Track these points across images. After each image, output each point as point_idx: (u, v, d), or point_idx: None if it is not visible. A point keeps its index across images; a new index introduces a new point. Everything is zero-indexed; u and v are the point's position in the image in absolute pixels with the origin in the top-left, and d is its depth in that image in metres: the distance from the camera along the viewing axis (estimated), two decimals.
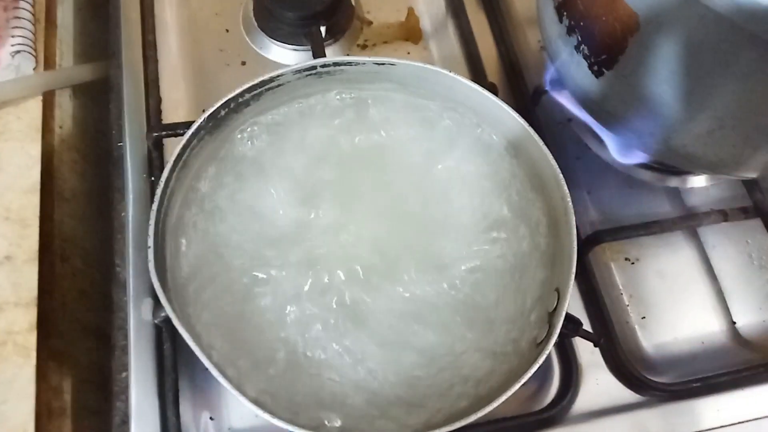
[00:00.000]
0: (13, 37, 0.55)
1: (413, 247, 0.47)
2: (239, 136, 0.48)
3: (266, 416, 0.37)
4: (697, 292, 0.55)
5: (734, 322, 0.54)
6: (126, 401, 0.46)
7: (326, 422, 0.40)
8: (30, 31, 0.57)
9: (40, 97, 0.55)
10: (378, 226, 0.47)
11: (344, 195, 0.48)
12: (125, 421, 0.46)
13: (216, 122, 0.46)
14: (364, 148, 0.50)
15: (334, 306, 0.44)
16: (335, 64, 0.47)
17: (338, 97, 0.50)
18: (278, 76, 0.46)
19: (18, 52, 0.55)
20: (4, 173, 0.51)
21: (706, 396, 0.50)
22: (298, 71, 0.46)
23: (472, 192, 0.49)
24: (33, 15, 0.58)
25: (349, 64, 0.47)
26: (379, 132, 0.50)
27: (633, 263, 0.56)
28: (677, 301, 0.55)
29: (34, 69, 0.56)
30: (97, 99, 0.62)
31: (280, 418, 0.37)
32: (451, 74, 0.46)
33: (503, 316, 0.44)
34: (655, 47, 0.42)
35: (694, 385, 0.50)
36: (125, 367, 0.47)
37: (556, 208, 0.45)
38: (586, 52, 0.47)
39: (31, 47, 0.56)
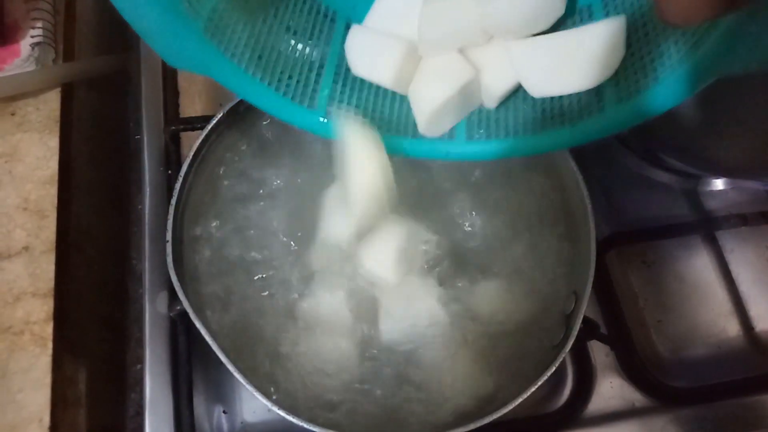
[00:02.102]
0: (33, 28, 0.56)
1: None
2: (257, 128, 0.48)
3: (281, 412, 0.37)
4: (714, 297, 0.55)
5: (752, 328, 0.54)
6: (140, 393, 0.47)
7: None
8: (50, 23, 0.57)
9: (59, 89, 0.55)
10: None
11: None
12: (139, 413, 0.46)
13: (235, 117, 0.46)
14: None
15: (351, 301, 0.44)
16: None
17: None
18: None
19: (38, 43, 0.55)
20: (22, 164, 0.52)
21: (722, 401, 0.49)
22: None
23: None
24: (53, 7, 0.58)
25: None
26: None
27: (650, 266, 0.55)
28: (694, 306, 0.54)
29: (53, 60, 0.56)
30: (116, 91, 0.62)
31: (293, 414, 0.37)
32: None
33: (521, 316, 0.44)
34: None
35: (710, 390, 0.50)
36: (140, 360, 0.47)
37: (574, 209, 0.45)
38: None
39: (50, 39, 0.56)
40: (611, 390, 0.50)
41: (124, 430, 0.47)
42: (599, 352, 0.50)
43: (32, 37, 0.55)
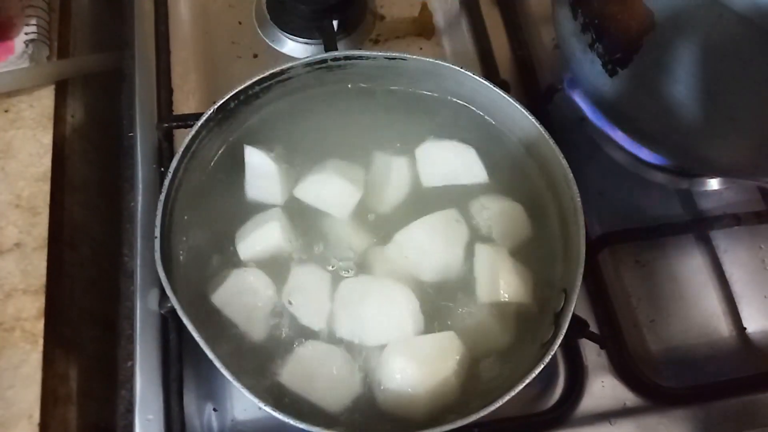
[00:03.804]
0: (27, 25, 0.56)
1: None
2: (248, 124, 0.48)
3: (268, 408, 0.37)
4: (707, 297, 0.54)
5: (744, 328, 0.54)
6: (131, 390, 0.46)
7: None
8: (44, 20, 0.57)
9: (53, 86, 0.55)
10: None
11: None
12: (129, 410, 0.46)
13: (225, 114, 0.46)
14: (373, 144, 0.49)
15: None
16: (346, 57, 0.46)
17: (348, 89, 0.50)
18: (288, 69, 0.46)
19: (32, 40, 0.55)
20: (15, 161, 0.52)
21: (713, 402, 0.49)
22: (309, 64, 0.46)
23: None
24: (47, 4, 0.58)
25: (360, 58, 0.47)
26: (386, 125, 0.50)
27: (643, 266, 0.55)
28: (687, 306, 0.54)
29: (47, 58, 0.56)
30: (110, 89, 0.62)
31: (282, 411, 0.37)
32: (462, 70, 0.46)
33: (513, 315, 0.44)
34: (670, 47, 0.42)
35: (701, 390, 0.50)
36: (131, 357, 0.47)
37: (566, 207, 0.45)
38: (600, 50, 0.47)
39: (45, 36, 0.56)
40: (603, 389, 0.49)
41: (115, 427, 0.47)
42: (591, 352, 0.50)
43: (26, 34, 0.55)
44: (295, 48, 0.62)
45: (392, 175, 0.48)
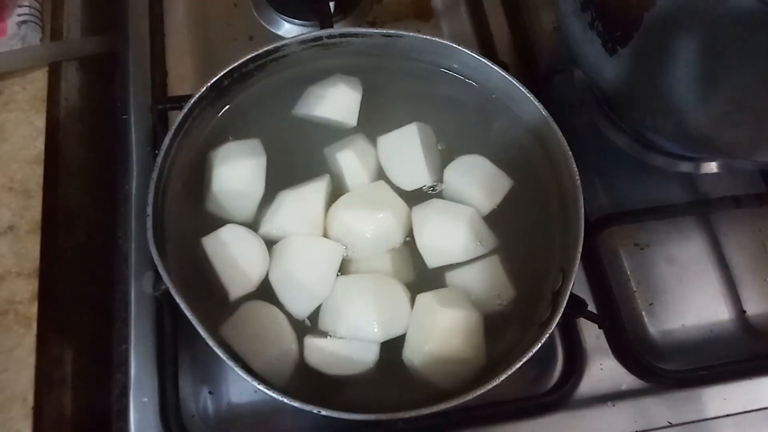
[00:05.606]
0: (20, 6, 0.55)
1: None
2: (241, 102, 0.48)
3: (263, 388, 0.36)
4: (707, 280, 0.54)
5: (744, 311, 0.53)
6: (125, 373, 0.46)
7: None
8: (37, 1, 0.56)
9: (46, 68, 0.55)
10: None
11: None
12: (124, 393, 0.46)
13: (219, 92, 0.45)
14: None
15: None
16: (342, 35, 0.46)
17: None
18: (283, 46, 0.45)
19: (24, 22, 0.54)
20: (8, 143, 0.51)
21: (713, 384, 0.49)
22: (304, 42, 0.46)
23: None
24: None
25: (355, 35, 0.46)
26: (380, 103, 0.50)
27: (642, 249, 0.55)
28: (686, 289, 0.54)
29: (40, 40, 0.55)
30: (104, 72, 0.62)
31: (279, 392, 0.36)
32: (460, 47, 0.45)
33: (512, 296, 0.44)
34: (671, 23, 0.41)
35: (701, 373, 0.49)
36: (125, 340, 0.47)
37: (565, 187, 0.44)
38: (600, 28, 0.46)
39: (37, 18, 0.56)
40: (601, 372, 0.49)
41: (110, 410, 0.46)
42: (590, 335, 0.50)
43: (19, 15, 0.55)
44: (291, 30, 0.62)
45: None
